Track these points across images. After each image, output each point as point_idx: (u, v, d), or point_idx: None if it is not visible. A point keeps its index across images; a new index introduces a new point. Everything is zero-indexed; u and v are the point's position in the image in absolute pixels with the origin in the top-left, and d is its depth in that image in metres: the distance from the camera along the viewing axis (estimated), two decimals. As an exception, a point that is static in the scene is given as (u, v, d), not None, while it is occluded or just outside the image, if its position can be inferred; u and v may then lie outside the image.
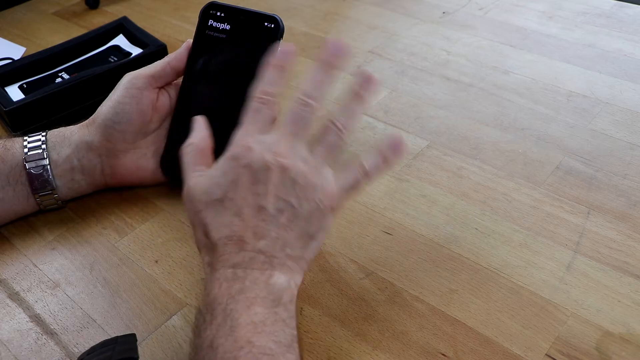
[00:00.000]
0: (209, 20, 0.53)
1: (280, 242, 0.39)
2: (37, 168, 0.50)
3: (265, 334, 0.35)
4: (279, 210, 0.40)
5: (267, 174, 0.40)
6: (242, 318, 0.36)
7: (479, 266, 0.48)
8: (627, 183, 0.56)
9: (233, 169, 0.40)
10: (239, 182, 0.40)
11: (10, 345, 0.43)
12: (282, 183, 0.40)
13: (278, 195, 0.40)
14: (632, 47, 0.77)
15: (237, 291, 0.37)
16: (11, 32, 0.85)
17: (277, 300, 0.38)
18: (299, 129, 0.42)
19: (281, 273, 0.39)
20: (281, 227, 0.40)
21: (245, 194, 0.40)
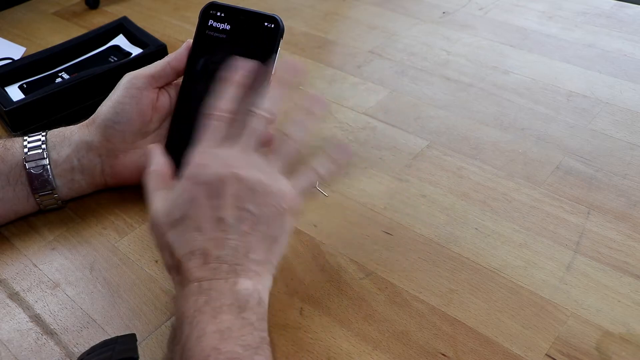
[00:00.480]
0: (209, 20, 0.53)
1: (243, 249, 0.40)
2: (37, 168, 0.50)
3: (232, 339, 0.36)
4: (238, 219, 0.40)
5: (223, 187, 0.41)
6: (209, 327, 0.36)
7: (478, 266, 0.48)
8: (627, 183, 0.56)
9: (190, 187, 0.41)
10: (197, 199, 0.41)
11: (10, 345, 0.43)
12: (240, 193, 0.41)
13: (236, 206, 0.41)
14: (632, 47, 0.77)
15: (203, 303, 0.37)
16: (11, 32, 0.85)
17: (243, 305, 0.38)
18: (253, 141, 0.44)
19: (246, 279, 0.39)
20: (242, 235, 0.40)
21: (203, 210, 0.41)
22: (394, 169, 0.58)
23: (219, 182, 0.41)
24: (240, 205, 0.41)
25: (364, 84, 0.71)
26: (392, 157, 0.59)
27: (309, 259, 0.49)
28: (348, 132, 0.63)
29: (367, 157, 0.59)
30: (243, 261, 0.40)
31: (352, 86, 0.70)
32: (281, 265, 0.48)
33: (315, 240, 0.51)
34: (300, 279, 0.47)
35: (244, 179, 0.41)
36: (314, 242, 0.50)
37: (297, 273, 0.48)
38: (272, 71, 0.52)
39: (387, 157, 0.59)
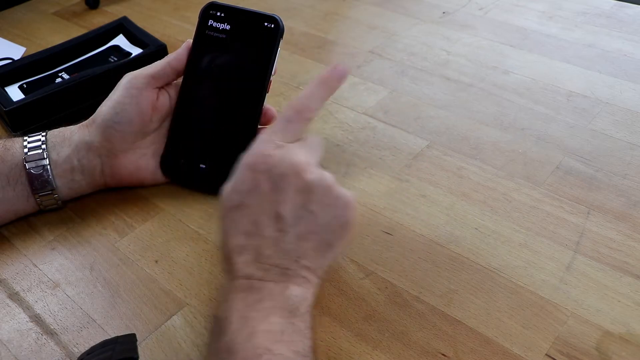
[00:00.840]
0: (209, 20, 0.53)
1: (295, 254, 0.39)
2: (37, 168, 0.50)
3: (284, 343, 0.35)
4: (297, 218, 0.39)
5: (287, 181, 0.40)
6: (261, 326, 0.36)
7: (479, 266, 0.48)
8: (627, 183, 0.56)
9: (251, 175, 0.40)
10: (257, 189, 0.40)
11: (10, 345, 0.43)
12: (302, 190, 0.40)
13: (297, 203, 0.40)
14: (632, 47, 0.77)
15: (255, 301, 0.37)
16: (11, 32, 0.85)
17: (294, 311, 0.38)
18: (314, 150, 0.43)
19: (296, 285, 0.39)
20: (299, 238, 0.39)
21: (262, 202, 0.39)
22: (394, 169, 0.58)
23: (283, 176, 0.40)
24: (301, 204, 0.40)
25: (364, 84, 0.71)
26: (392, 157, 0.59)
27: (309, 259, 0.49)
28: (348, 132, 0.63)
29: (367, 157, 0.59)
30: (293, 265, 0.39)
31: (352, 86, 0.70)
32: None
33: (315, 240, 0.51)
34: (300, 279, 0.47)
35: (309, 178, 0.40)
36: (314, 242, 0.50)
37: (297, 273, 0.48)
38: (272, 71, 0.52)
39: (387, 157, 0.59)
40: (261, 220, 0.39)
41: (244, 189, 0.40)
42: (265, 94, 0.52)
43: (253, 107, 0.52)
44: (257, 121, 0.52)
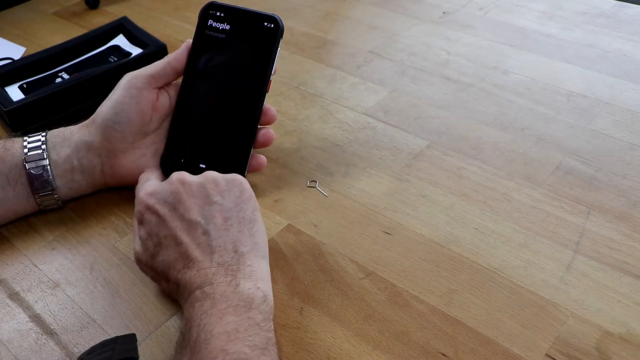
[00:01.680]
0: (209, 20, 0.53)
1: (230, 246, 0.41)
2: (37, 168, 0.50)
3: (239, 340, 0.36)
4: (208, 215, 0.42)
5: (178, 194, 0.43)
6: (216, 329, 0.36)
7: (478, 266, 0.48)
8: (627, 183, 0.56)
9: (149, 214, 0.43)
10: (160, 219, 0.42)
11: (10, 345, 0.43)
12: (195, 191, 0.43)
13: (199, 204, 0.43)
14: (632, 47, 0.77)
15: (209, 306, 0.38)
16: (11, 32, 0.85)
17: (248, 305, 0.38)
18: None
19: (245, 280, 0.40)
20: (222, 230, 0.42)
21: (172, 223, 0.42)
22: (394, 169, 0.58)
23: (172, 193, 0.43)
24: (203, 202, 0.43)
25: (364, 84, 0.71)
26: (392, 157, 0.59)
27: (309, 259, 0.49)
28: (348, 132, 0.63)
29: (367, 157, 0.59)
30: (235, 259, 0.41)
31: (352, 86, 0.70)
32: (281, 265, 0.48)
33: (315, 240, 0.51)
34: (300, 279, 0.47)
35: (194, 181, 0.44)
36: (314, 242, 0.50)
37: (297, 273, 0.48)
38: (272, 71, 0.52)
39: (387, 157, 0.59)
40: (182, 238, 0.41)
41: (152, 228, 0.43)
42: (265, 94, 0.52)
43: (253, 107, 0.52)
44: (257, 121, 0.52)
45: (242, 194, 0.44)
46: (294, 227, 0.52)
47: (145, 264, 0.44)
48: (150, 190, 0.45)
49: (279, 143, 0.61)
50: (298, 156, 0.60)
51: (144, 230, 0.44)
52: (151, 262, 0.43)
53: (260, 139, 0.53)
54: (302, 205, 0.54)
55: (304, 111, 0.66)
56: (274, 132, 0.54)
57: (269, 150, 0.59)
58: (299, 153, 0.60)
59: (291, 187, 0.56)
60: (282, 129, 0.63)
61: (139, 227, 0.44)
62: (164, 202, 0.43)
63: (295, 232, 0.51)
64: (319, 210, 0.53)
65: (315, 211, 0.53)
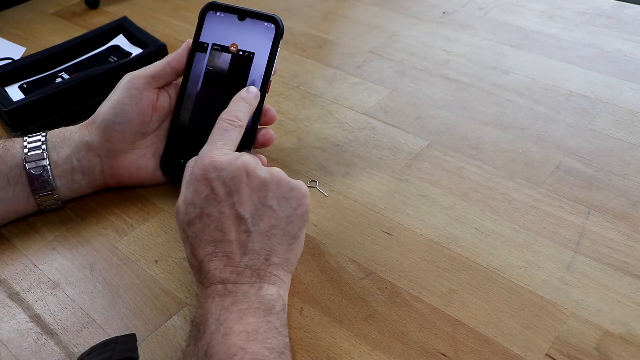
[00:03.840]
0: (209, 20, 0.53)
1: (264, 253, 0.41)
2: (37, 168, 0.50)
3: (258, 341, 0.36)
4: (258, 216, 0.41)
5: (240, 182, 0.41)
6: (235, 327, 0.36)
7: (479, 266, 0.48)
8: (627, 183, 0.56)
9: (204, 185, 0.42)
10: (214, 196, 0.41)
11: (10, 345, 0.43)
12: (257, 188, 0.42)
13: (255, 201, 0.41)
14: (632, 47, 0.77)
15: (230, 303, 0.38)
16: (11, 32, 0.85)
17: (269, 309, 0.39)
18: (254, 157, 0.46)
19: (270, 285, 0.40)
20: (263, 236, 0.41)
21: (221, 207, 0.41)
22: (394, 169, 0.58)
23: (235, 178, 0.41)
24: (258, 201, 0.41)
25: (364, 84, 0.71)
26: (392, 157, 0.59)
27: (309, 259, 0.49)
28: (348, 132, 0.63)
29: (367, 157, 0.59)
30: (265, 266, 0.41)
31: (352, 86, 0.70)
32: (281, 265, 0.48)
33: (315, 240, 0.51)
34: (300, 279, 0.47)
35: (261, 175, 0.42)
36: (314, 242, 0.50)
37: (297, 273, 0.48)
38: (272, 71, 0.52)
39: (387, 157, 0.59)
40: (225, 226, 0.41)
41: (200, 199, 0.41)
42: (265, 94, 0.52)
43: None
44: (257, 121, 0.52)
45: (299, 207, 0.43)
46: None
47: (180, 223, 0.42)
48: (217, 162, 0.42)
49: (279, 143, 0.61)
50: (298, 156, 0.60)
51: (192, 194, 0.42)
52: (186, 226, 0.42)
53: (260, 139, 0.53)
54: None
55: (304, 111, 0.66)
56: (274, 132, 0.54)
57: (269, 150, 0.59)
58: (299, 153, 0.60)
59: (291, 187, 0.56)
60: (282, 129, 0.63)
61: (188, 186, 0.43)
62: (223, 182, 0.41)
63: (295, 232, 0.51)
64: (319, 210, 0.53)
65: (315, 211, 0.53)
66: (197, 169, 0.43)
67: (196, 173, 0.43)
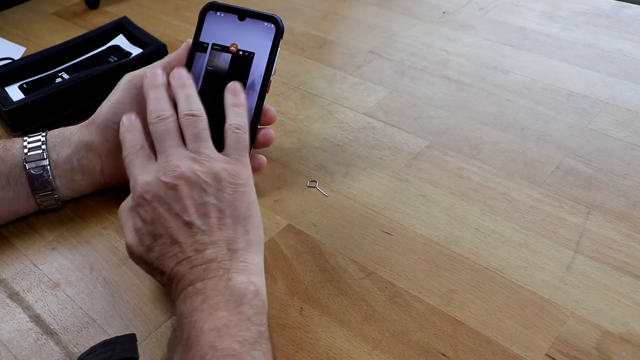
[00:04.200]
0: (209, 20, 0.53)
1: (223, 244, 0.41)
2: (37, 168, 0.50)
3: (229, 335, 0.36)
4: (203, 215, 0.42)
5: (175, 193, 0.42)
6: (206, 325, 0.36)
7: (479, 266, 0.48)
8: (627, 183, 0.56)
9: (145, 210, 0.42)
10: (157, 217, 0.42)
11: (10, 345, 0.43)
12: (192, 190, 0.42)
13: (193, 204, 0.42)
14: (632, 47, 0.77)
15: (200, 302, 0.38)
16: (11, 32, 0.85)
17: (239, 299, 0.39)
18: (171, 139, 0.45)
19: (238, 274, 0.40)
20: (215, 229, 0.41)
21: (168, 222, 0.41)
22: (394, 169, 0.58)
23: (169, 190, 0.42)
24: (197, 202, 0.42)
25: (364, 84, 0.71)
26: (392, 157, 0.59)
27: (309, 259, 0.49)
28: (348, 132, 0.63)
29: (367, 157, 0.59)
30: (229, 255, 0.41)
31: (352, 86, 0.70)
32: (281, 266, 0.48)
33: (315, 240, 0.51)
34: (300, 279, 0.47)
35: (188, 177, 0.43)
36: (314, 242, 0.50)
37: (297, 273, 0.48)
38: (272, 71, 0.52)
39: (387, 157, 0.59)
40: (177, 237, 0.41)
41: (148, 224, 0.42)
42: (265, 94, 0.52)
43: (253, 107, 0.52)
44: (257, 121, 0.52)
45: (235, 192, 0.43)
46: (293, 227, 0.52)
47: (139, 256, 0.43)
48: (147, 180, 0.43)
49: (279, 143, 0.61)
50: (298, 156, 0.60)
51: (140, 224, 0.43)
52: (146, 256, 0.42)
53: (260, 139, 0.53)
54: (302, 205, 0.54)
55: (304, 111, 0.66)
56: (274, 132, 0.54)
57: (269, 150, 0.59)
58: (299, 153, 0.60)
59: (291, 187, 0.56)
60: (282, 129, 0.63)
61: (133, 216, 0.43)
62: (160, 199, 0.42)
63: (295, 232, 0.51)
64: (319, 210, 0.53)
65: (315, 211, 0.53)
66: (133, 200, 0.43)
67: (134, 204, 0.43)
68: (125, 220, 0.44)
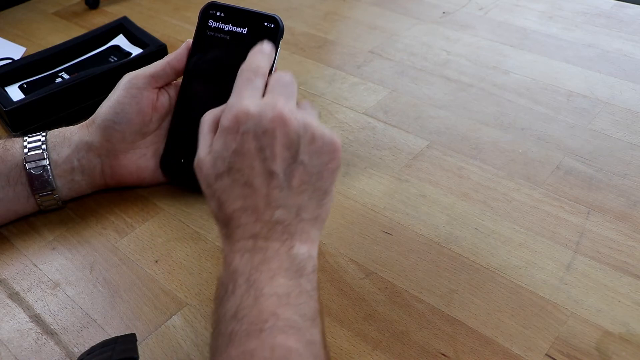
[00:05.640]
0: (209, 20, 0.53)
1: (295, 208, 0.39)
2: (37, 168, 0.50)
3: (290, 306, 0.35)
4: (289, 171, 0.39)
5: (271, 136, 0.39)
6: (266, 289, 0.35)
7: (478, 266, 0.48)
8: (627, 183, 0.56)
9: (234, 137, 0.39)
10: (243, 150, 0.39)
11: (10, 345, 0.43)
12: (288, 141, 0.39)
13: (286, 157, 0.39)
14: (632, 47, 0.77)
15: (260, 262, 0.36)
16: (11, 32, 0.85)
17: (300, 271, 0.37)
18: (288, 91, 0.42)
19: (301, 243, 0.38)
20: (294, 191, 0.39)
21: (251, 162, 0.39)
22: (394, 169, 0.58)
23: (266, 131, 0.39)
24: (290, 156, 0.39)
25: (364, 84, 0.71)
26: (392, 157, 0.59)
27: (309, 259, 0.49)
28: (348, 132, 0.63)
29: (367, 157, 0.59)
30: (296, 222, 0.39)
31: (352, 86, 0.70)
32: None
33: (315, 240, 0.51)
34: (300, 279, 0.47)
35: (293, 129, 0.39)
36: (314, 242, 0.50)
37: (297, 273, 0.48)
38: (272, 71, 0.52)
39: (387, 157, 0.59)
40: (254, 181, 0.39)
41: (229, 153, 0.39)
42: (265, 94, 0.52)
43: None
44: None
45: (331, 162, 0.40)
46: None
47: (205, 177, 0.40)
48: (249, 112, 0.40)
49: (279, 143, 0.61)
50: (298, 156, 0.60)
51: (221, 146, 0.40)
52: (212, 180, 0.39)
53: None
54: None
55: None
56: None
57: (269, 150, 0.58)
58: (299, 153, 0.60)
59: (291, 187, 0.56)
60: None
61: (218, 137, 0.40)
62: (255, 135, 0.39)
63: (295, 232, 0.51)
64: (319, 210, 0.53)
65: (315, 211, 0.53)
66: (226, 120, 0.40)
67: (226, 124, 0.40)
68: (206, 131, 0.41)
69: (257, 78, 0.43)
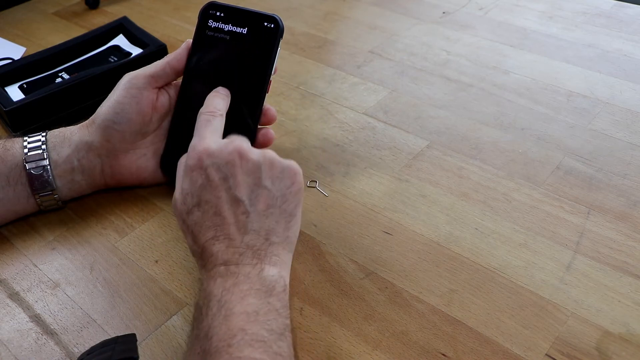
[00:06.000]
0: (209, 20, 0.53)
1: (264, 233, 0.42)
2: (37, 168, 0.50)
3: (259, 322, 0.37)
4: (254, 197, 0.42)
5: (233, 165, 0.43)
6: (236, 308, 0.37)
7: (479, 266, 0.48)
8: (627, 183, 0.56)
9: (199, 173, 0.43)
10: (209, 183, 0.42)
11: (10, 345, 0.43)
12: (249, 169, 0.43)
13: (249, 183, 0.43)
14: (632, 47, 0.77)
15: (232, 284, 0.39)
16: (11, 32, 0.85)
17: (269, 291, 0.39)
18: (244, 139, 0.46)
19: (271, 266, 0.41)
20: (261, 215, 0.42)
21: (218, 192, 0.42)
22: (394, 169, 0.58)
23: (228, 163, 0.43)
24: (254, 183, 0.43)
25: (364, 84, 0.71)
26: (392, 157, 0.59)
27: (309, 259, 0.49)
28: (348, 132, 0.63)
29: (367, 157, 0.59)
30: (265, 245, 0.42)
31: (352, 86, 0.70)
32: (281, 265, 0.48)
33: (315, 240, 0.51)
34: (300, 278, 0.47)
35: (253, 158, 0.43)
36: (314, 242, 0.50)
37: (297, 273, 0.48)
38: (272, 71, 0.52)
39: (387, 157, 0.59)
40: (223, 209, 0.42)
41: (197, 188, 0.43)
42: (265, 94, 0.52)
43: (253, 107, 0.52)
44: (257, 121, 0.52)
45: (292, 186, 0.44)
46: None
47: (179, 214, 0.44)
48: (210, 149, 0.44)
49: (279, 143, 0.61)
50: (298, 156, 0.60)
51: (188, 184, 0.43)
52: (185, 216, 0.43)
53: (260, 139, 0.53)
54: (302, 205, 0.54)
55: (304, 111, 0.66)
56: (274, 132, 0.54)
57: (269, 150, 0.59)
58: (299, 153, 0.60)
59: (291, 187, 0.56)
60: (282, 129, 0.63)
61: (184, 177, 0.44)
62: (217, 168, 0.43)
63: (295, 232, 0.51)
64: (319, 210, 0.53)
65: (315, 211, 0.53)
66: (190, 160, 0.44)
67: (190, 163, 0.44)
68: (179, 174, 0.45)
69: (215, 119, 0.47)
